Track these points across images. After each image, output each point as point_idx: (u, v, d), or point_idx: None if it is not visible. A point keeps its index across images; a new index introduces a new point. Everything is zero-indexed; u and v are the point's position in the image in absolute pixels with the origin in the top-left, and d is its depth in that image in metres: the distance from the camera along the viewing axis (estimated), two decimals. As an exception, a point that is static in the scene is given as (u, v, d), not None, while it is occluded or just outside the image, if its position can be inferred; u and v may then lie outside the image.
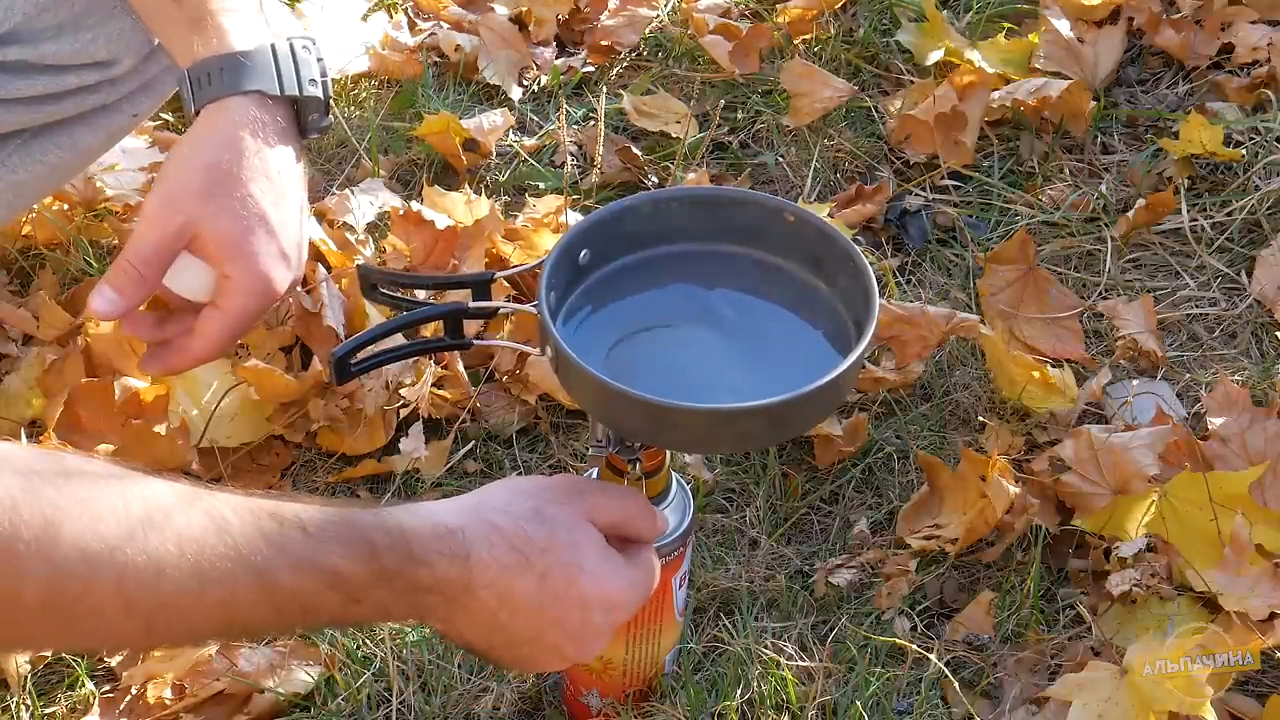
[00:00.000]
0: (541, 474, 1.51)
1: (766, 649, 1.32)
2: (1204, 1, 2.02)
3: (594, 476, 1.14)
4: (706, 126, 1.89)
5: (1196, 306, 1.69)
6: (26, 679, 1.31)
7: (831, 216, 1.75)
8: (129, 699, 1.32)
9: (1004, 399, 1.55)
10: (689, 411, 1.01)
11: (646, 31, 2.09)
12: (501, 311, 1.29)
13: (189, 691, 1.31)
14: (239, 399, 1.52)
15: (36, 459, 0.81)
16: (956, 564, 1.42)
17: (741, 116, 1.96)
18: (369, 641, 1.34)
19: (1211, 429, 1.45)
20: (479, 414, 1.56)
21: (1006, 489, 1.39)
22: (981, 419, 1.54)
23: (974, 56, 1.93)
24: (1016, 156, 1.87)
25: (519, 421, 1.56)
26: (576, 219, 1.65)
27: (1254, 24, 1.99)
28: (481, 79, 2.02)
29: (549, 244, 1.65)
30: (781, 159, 1.90)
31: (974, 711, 1.28)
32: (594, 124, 1.88)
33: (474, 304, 1.14)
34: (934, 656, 1.30)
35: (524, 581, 0.97)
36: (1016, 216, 1.79)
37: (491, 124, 1.91)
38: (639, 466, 1.10)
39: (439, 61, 2.06)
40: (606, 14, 2.10)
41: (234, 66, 1.17)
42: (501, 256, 1.66)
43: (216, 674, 1.31)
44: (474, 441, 1.55)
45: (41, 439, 1.45)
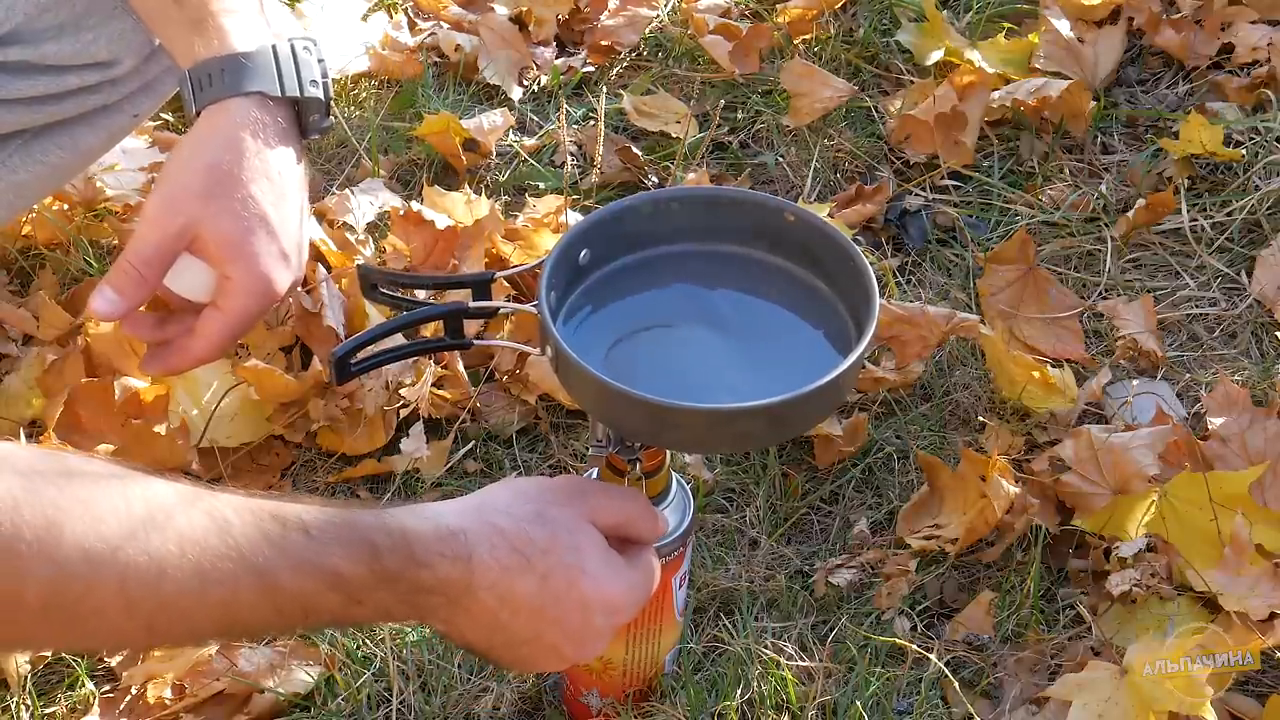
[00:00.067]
0: (542, 474, 1.52)
1: (766, 649, 1.32)
2: (1204, 1, 2.02)
3: (594, 476, 1.14)
4: (706, 126, 1.89)
5: (1196, 306, 1.69)
6: (26, 679, 1.31)
7: (831, 216, 1.75)
8: (129, 699, 1.32)
9: (1004, 399, 1.55)
10: (689, 411, 1.01)
11: (646, 31, 2.09)
12: (501, 311, 1.29)
13: (189, 691, 1.31)
14: (239, 399, 1.52)
15: (38, 459, 0.81)
16: (956, 564, 1.42)
17: (741, 116, 1.96)
18: (369, 641, 1.34)
19: (1211, 429, 1.45)
20: (479, 414, 1.56)
21: (1006, 489, 1.39)
22: (981, 419, 1.54)
23: (974, 56, 1.93)
24: (1016, 156, 1.87)
25: (519, 421, 1.56)
26: (576, 219, 1.65)
27: (1254, 24, 1.99)
28: (481, 79, 2.02)
29: (549, 244, 1.65)
30: (781, 159, 1.90)
31: (974, 711, 1.28)
32: (594, 124, 1.88)
33: (474, 304, 1.14)
34: (934, 656, 1.30)
35: (525, 583, 0.97)
36: (1016, 216, 1.79)
37: (491, 124, 1.91)
38: (639, 466, 1.10)
39: (439, 61, 2.06)
40: (606, 14, 2.10)
41: (235, 68, 1.17)
42: (501, 256, 1.66)
43: (216, 674, 1.31)
44: (474, 441, 1.55)
45: (41, 439, 1.45)
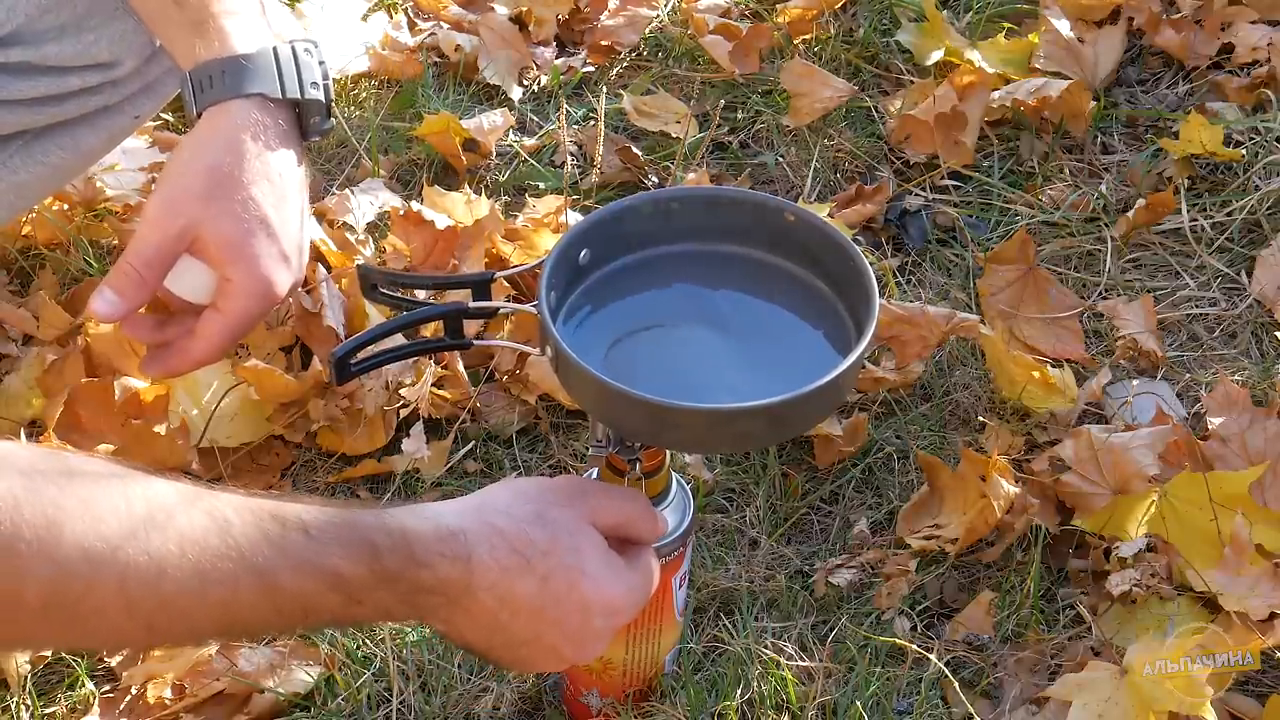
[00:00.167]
0: (542, 474, 1.52)
1: (766, 649, 1.32)
2: (1204, 1, 2.02)
3: (594, 476, 1.14)
4: (706, 126, 1.89)
5: (1196, 306, 1.69)
6: (26, 679, 1.31)
7: (831, 216, 1.75)
8: (129, 699, 1.32)
9: (1004, 399, 1.55)
10: (689, 411, 1.01)
11: (646, 31, 2.09)
12: (501, 311, 1.29)
13: (189, 691, 1.31)
14: (239, 399, 1.52)
15: (39, 458, 0.81)
16: (956, 564, 1.42)
17: (741, 116, 1.96)
18: (369, 641, 1.34)
19: (1211, 429, 1.45)
20: (479, 414, 1.56)
21: (1006, 489, 1.39)
22: (981, 419, 1.54)
23: (974, 56, 1.93)
24: (1016, 156, 1.87)
25: (519, 421, 1.56)
26: (576, 219, 1.65)
27: (1254, 24, 1.99)
28: (481, 79, 2.02)
29: (549, 244, 1.65)
30: (781, 159, 1.90)
31: (974, 711, 1.28)
32: (594, 124, 1.88)
33: (474, 304, 1.14)
34: (934, 656, 1.30)
35: (525, 584, 0.97)
36: (1016, 216, 1.79)
37: (491, 124, 1.91)
38: (639, 466, 1.10)
39: (439, 61, 2.06)
40: (606, 14, 2.10)
41: (236, 69, 1.17)
42: (501, 256, 1.66)
43: (216, 674, 1.31)
44: (474, 441, 1.55)
45: (41, 439, 1.45)
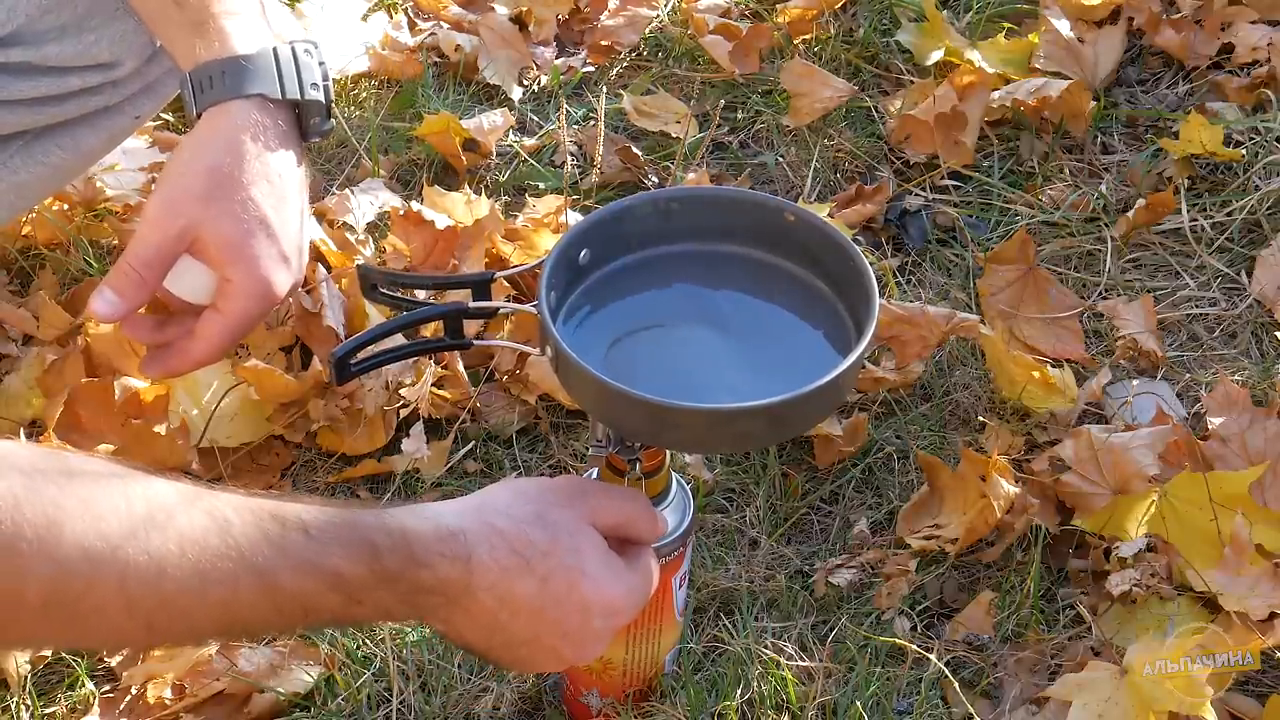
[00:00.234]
0: (542, 474, 1.52)
1: (766, 649, 1.32)
2: (1204, 1, 2.02)
3: (594, 477, 1.14)
4: (706, 126, 1.89)
5: (1196, 306, 1.69)
6: (26, 679, 1.31)
7: (831, 216, 1.75)
8: (129, 699, 1.32)
9: (1004, 399, 1.55)
10: (689, 411, 1.01)
11: (646, 31, 2.09)
12: (501, 311, 1.29)
13: (189, 691, 1.31)
14: (239, 399, 1.52)
15: (39, 458, 0.81)
16: (956, 564, 1.42)
17: (741, 116, 1.96)
18: (369, 641, 1.34)
19: (1211, 429, 1.45)
20: (479, 414, 1.56)
21: (1006, 489, 1.39)
22: (981, 419, 1.54)
23: (974, 56, 1.93)
24: (1016, 156, 1.87)
25: (519, 421, 1.56)
26: (576, 219, 1.65)
27: (1254, 24, 1.99)
28: (481, 79, 2.02)
29: (549, 244, 1.66)
30: (781, 159, 1.90)
31: (974, 711, 1.28)
32: (594, 124, 1.88)
33: (474, 304, 1.14)
34: (934, 656, 1.30)
35: (524, 584, 0.97)
36: (1016, 216, 1.79)
37: (491, 124, 1.91)
38: (639, 466, 1.10)
39: (439, 61, 2.06)
40: (606, 14, 2.10)
41: (236, 70, 1.17)
42: (501, 256, 1.66)
43: (216, 674, 1.31)
44: (474, 441, 1.55)
45: (41, 439, 1.45)
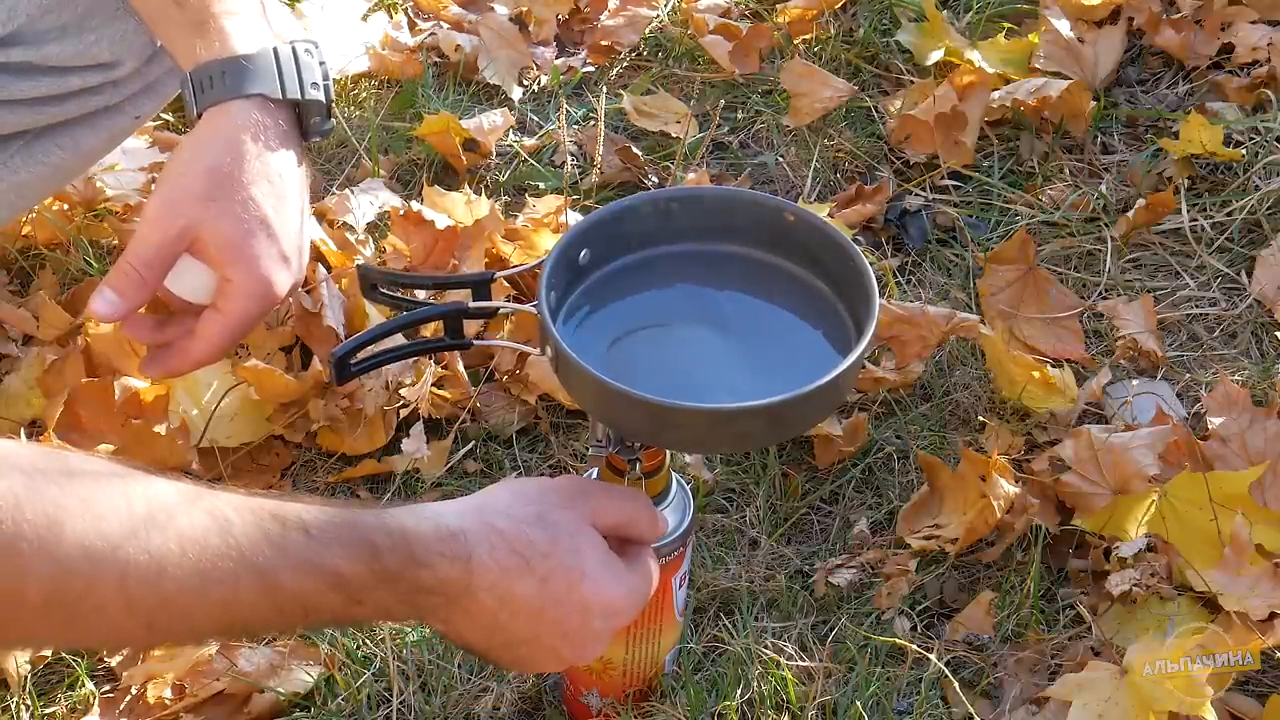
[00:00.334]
0: (542, 474, 1.52)
1: (766, 649, 1.32)
2: (1204, 1, 2.02)
3: (594, 476, 1.14)
4: (706, 126, 1.89)
5: (1196, 306, 1.69)
6: (26, 679, 1.31)
7: (831, 216, 1.75)
8: (129, 699, 1.32)
9: (1004, 399, 1.55)
10: (689, 411, 1.01)
11: (646, 31, 2.09)
12: (501, 311, 1.29)
13: (189, 691, 1.31)
14: (239, 399, 1.52)
15: (40, 458, 0.81)
16: (956, 564, 1.42)
17: (741, 116, 1.96)
18: (369, 641, 1.34)
19: (1211, 429, 1.45)
20: (479, 414, 1.56)
21: (1006, 489, 1.39)
22: (981, 419, 1.54)
23: (974, 56, 1.93)
24: (1016, 156, 1.87)
25: (519, 421, 1.56)
26: (576, 219, 1.65)
27: (1254, 24, 1.99)
28: (481, 79, 2.02)
29: (549, 244, 1.66)
30: (781, 159, 1.90)
31: (974, 711, 1.28)
32: (594, 124, 1.88)
33: (474, 304, 1.14)
34: (934, 656, 1.30)
35: (524, 585, 0.97)
36: (1016, 216, 1.79)
37: (491, 124, 1.91)
38: (639, 466, 1.10)
39: (439, 61, 2.06)
40: (606, 14, 2.10)
41: (236, 70, 1.17)
42: (501, 256, 1.66)
43: (216, 674, 1.31)
44: (474, 441, 1.55)
45: (41, 439, 1.45)
